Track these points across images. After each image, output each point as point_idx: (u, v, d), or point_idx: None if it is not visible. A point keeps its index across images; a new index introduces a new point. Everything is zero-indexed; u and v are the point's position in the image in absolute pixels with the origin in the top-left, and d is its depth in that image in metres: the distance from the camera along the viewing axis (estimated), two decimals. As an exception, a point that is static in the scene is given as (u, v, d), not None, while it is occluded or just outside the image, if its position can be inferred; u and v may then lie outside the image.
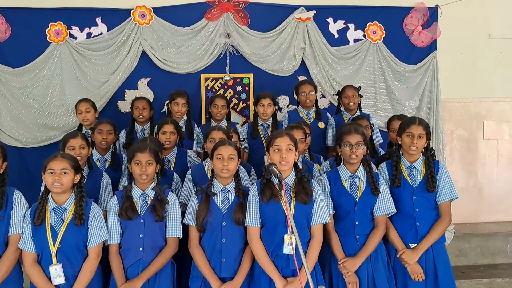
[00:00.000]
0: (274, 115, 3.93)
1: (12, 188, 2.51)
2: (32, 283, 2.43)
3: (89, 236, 2.46)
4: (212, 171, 2.67)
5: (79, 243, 2.44)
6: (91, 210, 2.49)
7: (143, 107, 3.92)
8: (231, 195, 2.63)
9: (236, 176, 2.67)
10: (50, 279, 2.39)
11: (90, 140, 3.22)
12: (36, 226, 2.40)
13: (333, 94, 4.36)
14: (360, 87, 4.14)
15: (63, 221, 2.42)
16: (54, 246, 2.39)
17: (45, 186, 2.46)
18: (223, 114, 4.00)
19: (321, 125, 4.00)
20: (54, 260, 2.38)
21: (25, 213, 2.48)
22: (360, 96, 4.09)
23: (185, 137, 3.81)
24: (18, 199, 2.50)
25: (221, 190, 2.62)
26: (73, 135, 3.00)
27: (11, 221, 2.44)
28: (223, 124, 3.99)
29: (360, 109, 4.12)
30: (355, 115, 3.96)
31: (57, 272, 2.37)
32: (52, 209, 2.43)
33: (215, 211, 2.58)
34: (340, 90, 4.11)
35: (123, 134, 3.93)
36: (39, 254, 2.42)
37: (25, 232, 2.42)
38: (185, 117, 3.99)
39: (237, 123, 4.22)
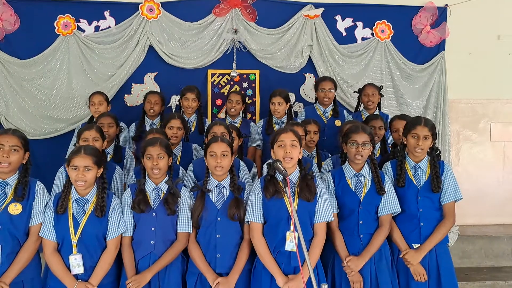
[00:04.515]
0: (289, 112, 3.92)
1: (34, 179, 2.54)
2: (49, 271, 2.47)
3: (108, 228, 2.49)
4: (207, 168, 2.68)
5: (99, 234, 2.48)
6: (112, 202, 2.52)
7: (155, 102, 3.94)
8: (226, 190, 2.64)
9: (231, 171, 2.67)
10: (69, 268, 2.42)
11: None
12: (58, 215, 2.43)
13: (354, 92, 4.32)
14: (382, 86, 4.10)
15: (85, 212, 2.46)
16: (75, 236, 2.42)
17: (68, 176, 2.48)
18: (237, 110, 4.01)
19: (338, 123, 3.95)
20: (74, 249, 2.42)
21: (47, 202, 2.51)
22: (381, 95, 4.05)
23: (196, 132, 3.83)
24: (40, 190, 2.52)
25: (216, 186, 2.63)
26: (88, 127, 3.03)
27: (32, 211, 2.47)
28: (238, 120, 3.99)
29: (379, 109, 4.08)
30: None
31: (76, 261, 2.41)
32: (75, 199, 2.47)
33: (210, 207, 2.59)
34: (361, 87, 4.06)
35: (132, 127, 3.97)
36: (59, 243, 2.46)
37: (47, 221, 2.46)
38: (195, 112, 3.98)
39: (251, 121, 4.22)
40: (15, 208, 2.42)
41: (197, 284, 2.59)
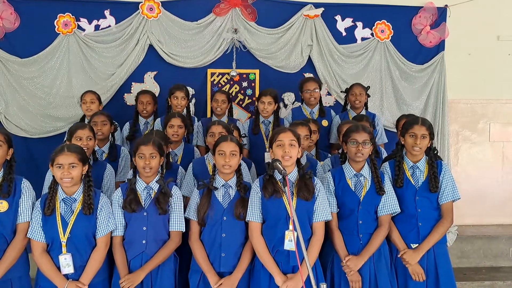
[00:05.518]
0: (276, 112, 3.92)
1: (20, 177, 2.52)
2: (40, 271, 2.45)
3: (97, 226, 2.48)
4: (214, 166, 2.68)
5: (88, 233, 2.46)
6: (99, 201, 2.50)
7: (147, 102, 3.94)
8: (233, 190, 2.64)
9: (238, 171, 2.68)
10: (58, 268, 2.40)
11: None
12: (46, 216, 2.41)
13: (341, 91, 4.36)
14: (368, 87, 4.13)
15: (73, 211, 2.44)
16: (64, 236, 2.40)
17: (54, 176, 2.46)
18: (223, 109, 4.00)
19: (325, 123, 3.99)
20: (64, 249, 2.40)
21: (34, 202, 2.49)
22: (368, 95, 4.08)
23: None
24: (26, 187, 2.50)
25: (223, 185, 2.63)
26: (82, 126, 3.00)
27: (19, 209, 2.45)
28: (224, 119, 3.99)
29: (366, 109, 4.10)
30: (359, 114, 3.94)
31: (66, 261, 2.40)
32: (62, 199, 2.45)
33: (216, 206, 2.59)
34: (348, 87, 4.10)
35: (126, 126, 3.97)
36: (48, 244, 2.44)
37: (35, 222, 2.43)
38: (185, 111, 3.98)
39: (238, 120, 4.22)
40: (1, 206, 2.40)
41: (200, 283, 2.60)
